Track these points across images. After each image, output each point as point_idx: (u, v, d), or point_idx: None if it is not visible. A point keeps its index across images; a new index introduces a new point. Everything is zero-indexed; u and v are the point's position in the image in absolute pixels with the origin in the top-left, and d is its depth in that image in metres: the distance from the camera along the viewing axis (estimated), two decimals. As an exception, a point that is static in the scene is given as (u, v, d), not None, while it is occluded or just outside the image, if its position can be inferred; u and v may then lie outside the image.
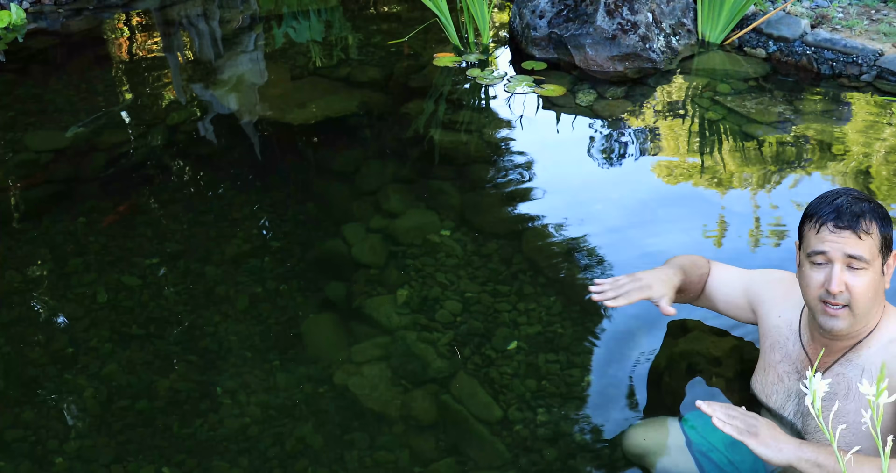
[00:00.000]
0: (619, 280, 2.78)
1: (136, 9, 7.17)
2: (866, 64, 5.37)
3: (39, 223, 4.20)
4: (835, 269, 2.29)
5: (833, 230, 2.29)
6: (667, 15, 5.82)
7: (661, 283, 2.75)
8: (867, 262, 2.28)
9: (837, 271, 2.29)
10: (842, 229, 2.28)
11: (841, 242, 2.28)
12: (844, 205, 2.30)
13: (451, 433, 3.01)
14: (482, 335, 3.42)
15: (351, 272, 3.81)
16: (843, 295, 2.30)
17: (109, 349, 3.41)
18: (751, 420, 2.32)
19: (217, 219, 4.24)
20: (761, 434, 2.28)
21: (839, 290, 2.29)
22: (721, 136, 4.89)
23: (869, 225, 2.28)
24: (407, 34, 6.35)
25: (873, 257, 2.29)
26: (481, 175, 4.55)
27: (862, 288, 2.29)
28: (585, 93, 5.36)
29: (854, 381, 2.36)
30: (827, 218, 2.31)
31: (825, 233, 2.30)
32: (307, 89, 5.63)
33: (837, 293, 2.30)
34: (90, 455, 2.97)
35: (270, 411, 3.12)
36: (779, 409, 2.62)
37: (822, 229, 2.31)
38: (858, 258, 2.27)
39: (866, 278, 2.29)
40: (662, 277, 2.78)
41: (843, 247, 2.28)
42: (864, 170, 4.50)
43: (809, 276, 2.36)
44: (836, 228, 2.29)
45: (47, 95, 5.59)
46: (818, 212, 2.34)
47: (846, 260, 2.29)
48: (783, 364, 2.60)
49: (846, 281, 2.29)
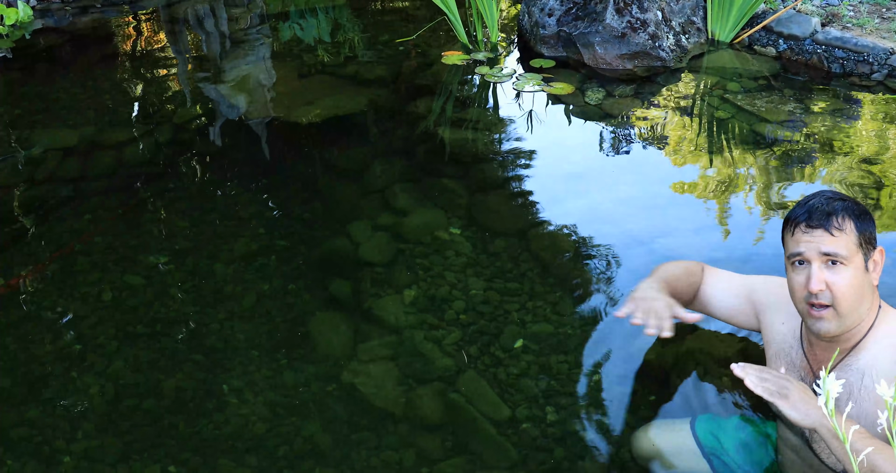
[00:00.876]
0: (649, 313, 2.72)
1: (143, 7, 7.16)
2: (877, 62, 5.34)
3: (46, 221, 4.19)
4: (813, 268, 2.30)
5: (805, 230, 2.31)
6: (676, 13, 5.79)
7: (664, 305, 2.74)
8: (844, 258, 2.28)
9: (816, 270, 2.29)
10: (813, 227, 2.29)
11: (815, 240, 2.29)
12: (816, 205, 2.32)
13: (459, 432, 2.99)
14: (490, 334, 3.40)
15: (358, 271, 3.79)
16: (824, 294, 2.29)
17: (115, 348, 3.40)
18: (783, 381, 2.31)
19: (223, 217, 4.22)
20: (792, 396, 2.27)
21: (819, 288, 2.29)
22: (731, 134, 4.87)
23: (841, 222, 2.28)
24: (415, 32, 6.33)
25: (851, 253, 2.29)
26: (489, 173, 4.53)
27: (843, 286, 2.28)
28: (594, 91, 5.33)
29: (856, 386, 2.33)
30: (799, 219, 2.33)
31: (799, 234, 2.32)
32: (314, 87, 5.62)
33: (818, 292, 2.29)
34: (96, 453, 2.95)
35: (277, 410, 3.10)
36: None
37: (795, 231, 2.34)
38: (833, 255, 2.27)
39: (847, 275, 2.29)
40: (655, 292, 2.79)
41: (818, 245, 2.28)
42: (874, 169, 4.47)
43: (793, 279, 2.38)
44: (807, 227, 2.30)
45: (53, 93, 5.58)
46: (792, 215, 2.37)
47: (823, 258, 2.29)
48: (787, 372, 2.57)
49: (826, 279, 2.29)
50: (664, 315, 2.68)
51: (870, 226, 2.34)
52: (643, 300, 2.74)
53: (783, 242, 2.43)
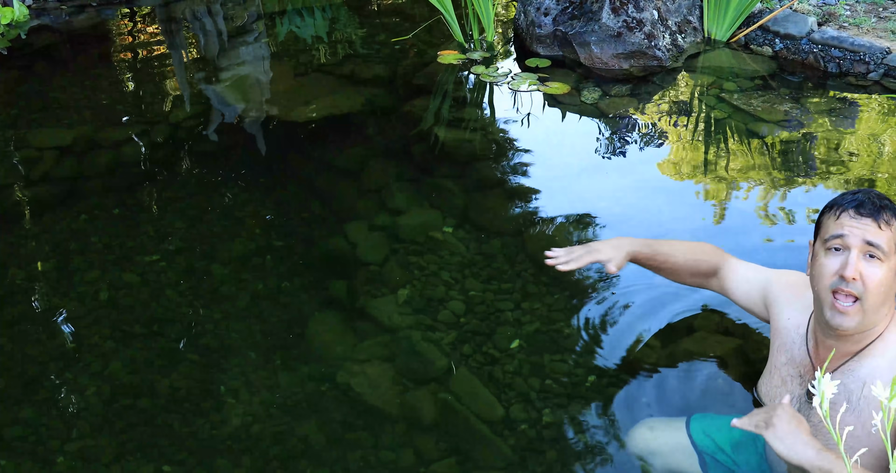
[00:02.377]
0: (574, 249, 3.00)
1: (140, 5, 7.15)
2: (873, 62, 5.35)
3: (42, 221, 4.19)
4: (852, 255, 2.25)
5: (854, 216, 2.27)
6: (672, 12, 5.79)
7: (611, 248, 2.98)
8: (884, 253, 2.24)
9: (854, 257, 2.25)
10: (863, 215, 2.26)
11: (862, 227, 2.25)
12: (866, 198, 2.30)
13: (454, 432, 2.99)
14: (485, 334, 3.40)
15: (354, 270, 3.80)
16: (856, 284, 2.25)
17: (111, 348, 3.40)
18: (770, 412, 2.28)
19: (220, 217, 4.23)
20: (779, 427, 2.24)
21: (853, 276, 2.24)
22: (727, 134, 4.87)
23: (889, 218, 2.26)
24: (411, 31, 6.33)
25: (891, 250, 2.25)
26: (485, 173, 4.53)
27: (876, 280, 2.25)
28: (590, 91, 5.33)
29: (855, 393, 2.32)
30: (848, 206, 2.29)
31: (845, 219, 2.28)
32: (311, 86, 5.62)
33: (851, 280, 2.25)
34: (92, 453, 2.95)
35: (273, 409, 3.10)
36: None
37: (842, 216, 2.29)
38: (877, 246, 2.23)
39: (882, 272, 2.25)
40: (614, 243, 3.02)
41: (863, 233, 2.25)
42: (870, 169, 4.47)
43: (824, 264, 2.32)
44: (857, 214, 2.26)
45: (50, 92, 5.58)
46: (839, 202, 2.33)
47: (864, 248, 2.25)
48: (787, 367, 2.57)
49: (861, 270, 2.25)
50: (584, 259, 2.95)
51: None
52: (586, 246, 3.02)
53: (819, 226, 2.38)
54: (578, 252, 2.97)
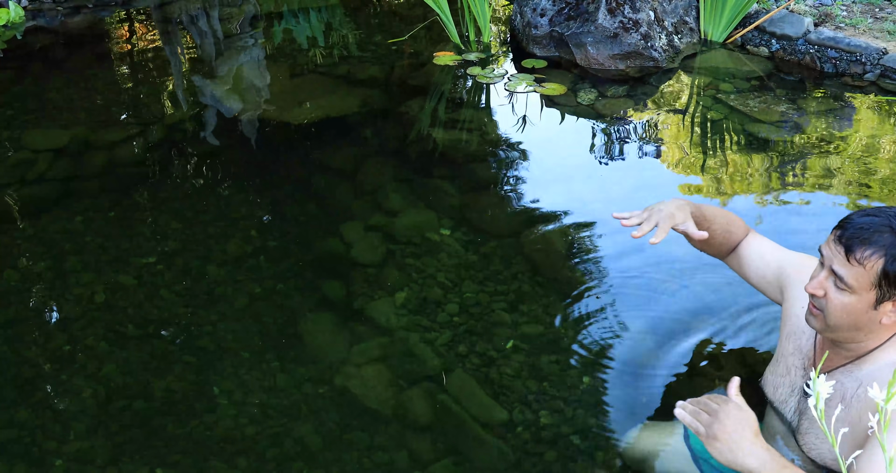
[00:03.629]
0: (640, 214, 2.73)
1: (136, 6, 7.14)
2: (870, 63, 5.35)
3: (38, 222, 4.18)
4: (821, 273, 2.27)
5: (833, 240, 2.25)
6: (669, 13, 5.79)
7: (677, 209, 2.71)
8: (850, 287, 2.20)
9: (821, 275, 2.27)
10: (840, 243, 2.22)
11: (832, 254, 2.23)
12: (866, 225, 2.20)
13: (450, 434, 2.98)
14: (481, 335, 3.39)
15: (350, 272, 3.79)
16: (818, 299, 2.28)
17: (106, 349, 3.39)
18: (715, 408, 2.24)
19: (216, 218, 4.22)
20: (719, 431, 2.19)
21: (813, 291, 2.27)
22: (723, 135, 4.87)
23: (866, 257, 2.17)
24: (407, 32, 6.33)
25: (861, 287, 2.20)
26: (481, 174, 4.53)
27: (836, 305, 2.24)
28: (586, 91, 5.33)
29: (849, 392, 2.31)
30: (839, 226, 2.26)
31: (831, 239, 2.26)
32: (307, 87, 5.61)
33: (811, 293, 2.28)
34: (86, 455, 2.95)
35: (268, 411, 3.10)
36: (781, 403, 2.59)
37: (832, 234, 2.27)
38: (840, 277, 2.21)
39: (844, 300, 2.22)
40: (677, 203, 2.75)
41: (832, 260, 2.23)
42: (867, 170, 4.47)
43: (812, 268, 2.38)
44: (836, 240, 2.24)
45: (46, 94, 5.57)
46: (845, 219, 2.28)
47: (830, 272, 2.25)
48: (794, 357, 2.57)
49: (827, 289, 2.25)
50: (664, 224, 2.64)
51: None
52: (652, 209, 2.71)
53: None
54: (653, 218, 2.68)
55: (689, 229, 2.68)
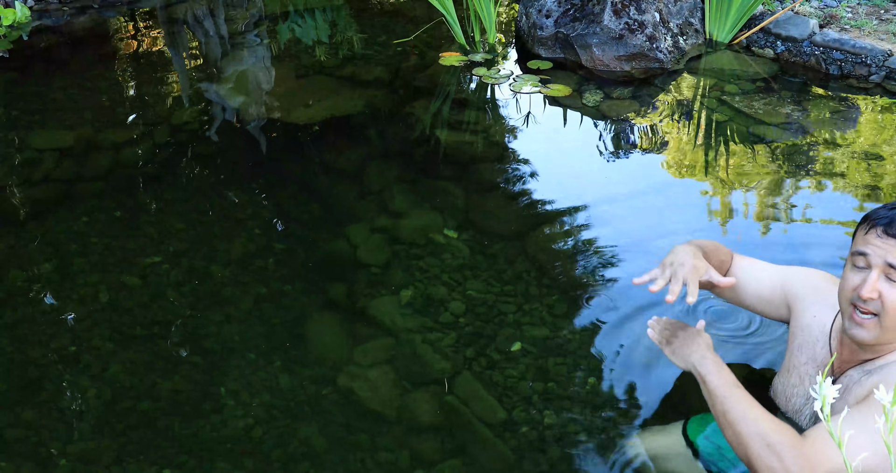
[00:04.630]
0: (664, 273, 2.63)
1: (142, 7, 7.15)
2: (875, 64, 5.34)
3: (43, 223, 4.18)
4: (871, 275, 2.24)
5: (880, 235, 2.23)
6: (674, 14, 5.79)
7: (697, 258, 2.65)
8: None
9: (873, 278, 2.23)
10: (890, 236, 2.22)
11: (885, 248, 2.22)
12: None
13: (455, 435, 2.98)
14: (486, 337, 3.40)
15: (355, 273, 3.79)
16: (873, 303, 2.24)
17: (112, 350, 3.39)
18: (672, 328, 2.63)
19: (221, 219, 4.22)
20: (674, 341, 2.57)
21: (870, 296, 2.23)
22: (728, 137, 4.87)
23: None
24: (413, 33, 6.33)
25: None
26: (486, 175, 4.53)
27: (895, 302, 2.24)
28: (592, 93, 5.33)
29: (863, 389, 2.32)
30: (879, 222, 2.26)
31: (872, 236, 2.25)
32: (312, 88, 5.62)
33: (868, 299, 2.24)
34: (92, 456, 2.95)
35: (273, 412, 3.10)
36: (796, 413, 2.59)
37: (870, 232, 2.26)
38: None
39: None
40: (691, 250, 2.68)
41: (886, 254, 2.22)
42: (872, 172, 4.47)
43: (847, 277, 2.32)
44: (884, 233, 2.23)
45: (51, 94, 5.57)
46: (874, 215, 2.29)
47: (885, 269, 2.23)
48: (808, 366, 2.56)
49: (881, 289, 2.23)
50: (693, 281, 2.56)
51: None
52: (671, 265, 2.61)
53: (854, 236, 2.36)
54: (679, 276, 2.57)
55: (713, 278, 2.64)
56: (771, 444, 2.20)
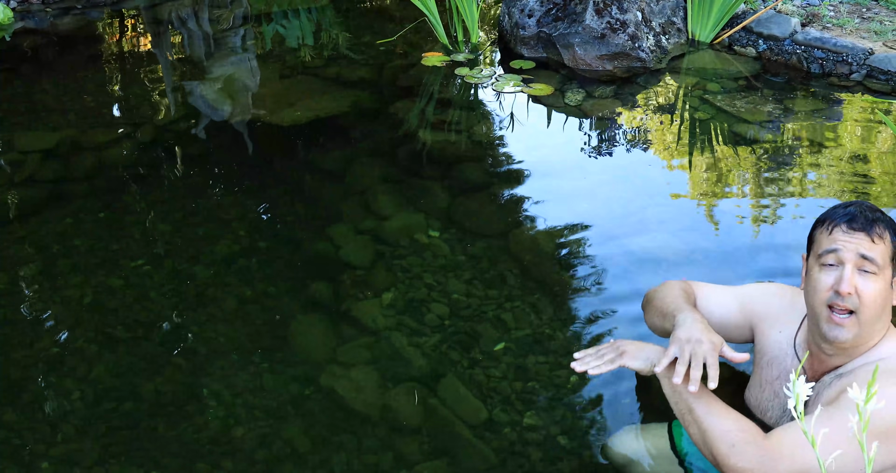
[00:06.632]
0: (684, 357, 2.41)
1: (126, 7, 7.14)
2: (856, 63, 5.37)
3: (26, 224, 4.18)
4: (846, 270, 2.26)
5: (846, 231, 2.28)
6: (656, 14, 5.81)
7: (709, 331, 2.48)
8: (879, 266, 2.25)
9: (849, 272, 2.26)
10: (856, 230, 2.27)
11: (855, 242, 2.26)
12: (858, 212, 2.30)
13: (438, 435, 3.00)
14: (469, 337, 3.41)
15: (339, 273, 3.80)
16: (852, 299, 2.26)
17: (96, 351, 3.40)
18: (616, 345, 2.56)
19: (205, 220, 4.23)
20: (628, 350, 2.52)
21: (849, 291, 2.25)
22: (711, 135, 4.89)
23: (882, 231, 2.27)
24: (396, 33, 6.34)
25: (885, 264, 2.27)
26: (470, 175, 4.55)
27: (872, 294, 2.26)
28: (574, 92, 5.35)
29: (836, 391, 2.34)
30: (840, 220, 2.30)
31: (838, 233, 2.29)
32: (297, 89, 5.62)
33: (847, 295, 2.25)
34: (75, 457, 2.95)
35: (256, 413, 3.11)
36: (774, 424, 2.60)
37: (834, 231, 2.30)
38: (871, 260, 2.25)
39: (877, 285, 2.26)
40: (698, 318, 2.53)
41: (857, 247, 2.25)
42: (853, 169, 4.50)
43: (818, 279, 2.32)
44: (849, 229, 2.27)
45: (35, 95, 5.57)
46: (831, 216, 2.33)
47: (858, 262, 2.26)
48: (780, 381, 2.56)
49: (856, 284, 2.26)
50: (712, 360, 2.37)
51: None
52: (688, 343, 2.42)
53: (811, 242, 2.39)
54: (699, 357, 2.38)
55: (726, 354, 2.44)
56: (735, 442, 2.23)
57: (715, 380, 2.34)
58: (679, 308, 2.61)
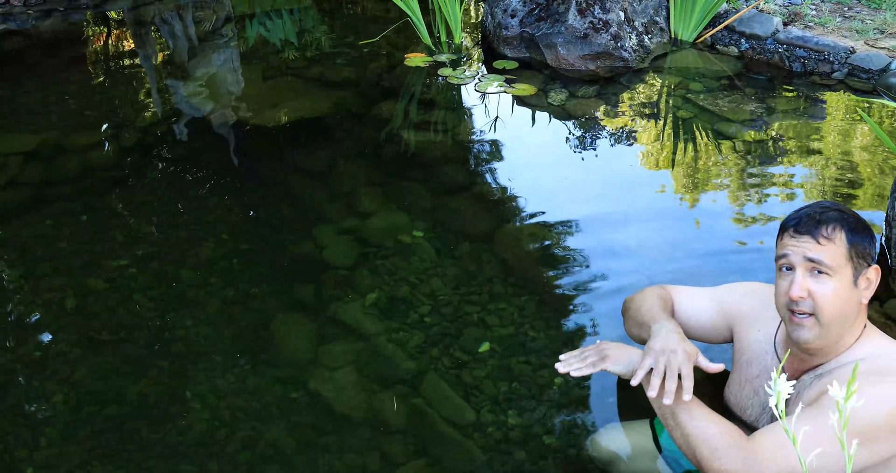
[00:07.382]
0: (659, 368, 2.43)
1: (108, 9, 7.12)
2: (838, 62, 5.39)
3: (9, 227, 4.17)
4: (797, 274, 2.30)
5: (793, 236, 2.31)
6: (639, 13, 5.83)
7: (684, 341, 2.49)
8: (829, 268, 2.27)
9: (799, 277, 2.29)
10: (801, 233, 2.30)
11: (801, 246, 2.29)
12: (809, 213, 2.33)
13: (422, 435, 3.00)
14: (453, 337, 3.41)
15: (323, 274, 3.80)
16: (805, 302, 2.29)
17: (78, 354, 3.39)
18: (599, 348, 2.56)
19: (189, 222, 4.22)
20: (611, 354, 2.52)
21: (799, 295, 2.28)
22: (693, 134, 4.90)
23: (830, 232, 2.28)
24: (379, 34, 6.34)
25: (838, 264, 2.28)
26: (453, 176, 4.55)
27: (826, 296, 2.27)
28: (557, 92, 5.36)
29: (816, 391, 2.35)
30: (788, 224, 2.35)
31: (786, 238, 2.33)
32: (280, 89, 5.62)
33: (798, 299, 2.29)
34: (59, 461, 2.94)
35: (241, 415, 3.10)
36: (753, 422, 2.61)
37: (784, 236, 2.35)
38: (818, 262, 2.27)
39: (830, 286, 2.27)
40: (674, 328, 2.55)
41: (804, 251, 2.28)
42: (835, 167, 4.51)
43: (778, 284, 2.38)
44: (795, 233, 2.31)
45: (17, 97, 5.55)
46: (785, 221, 2.38)
47: (807, 265, 2.28)
48: (761, 378, 2.58)
49: (809, 288, 2.28)
50: (690, 371, 2.40)
51: (865, 240, 2.32)
52: (662, 353, 2.44)
53: (776, 246, 2.42)
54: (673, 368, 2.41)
55: (701, 364, 2.47)
56: (718, 446, 2.24)
57: (689, 392, 2.36)
58: (654, 318, 2.63)
